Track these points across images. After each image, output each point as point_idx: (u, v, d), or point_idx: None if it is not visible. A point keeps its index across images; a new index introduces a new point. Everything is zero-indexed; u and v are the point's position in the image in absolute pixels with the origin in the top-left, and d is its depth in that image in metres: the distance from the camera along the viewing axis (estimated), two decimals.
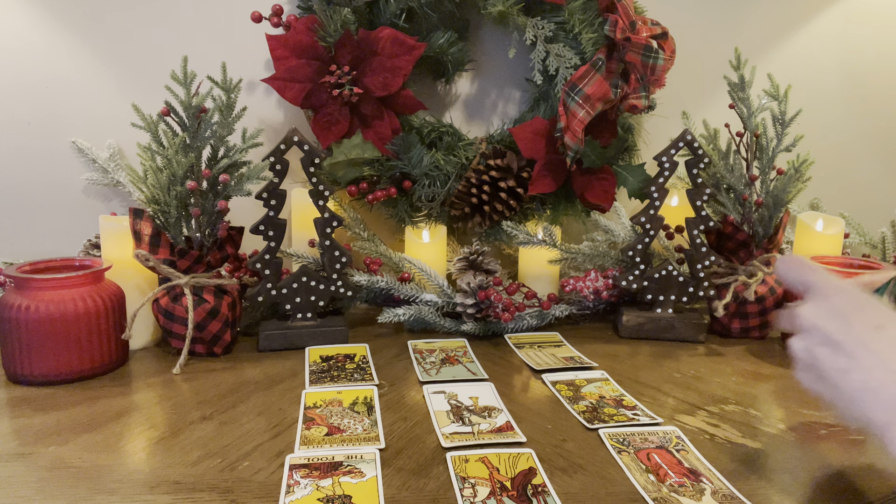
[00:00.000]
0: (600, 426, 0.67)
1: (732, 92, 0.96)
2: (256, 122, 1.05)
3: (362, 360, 0.84)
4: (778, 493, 0.56)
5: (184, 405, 0.71)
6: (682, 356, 0.89)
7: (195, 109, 0.81)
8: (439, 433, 0.65)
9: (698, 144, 0.92)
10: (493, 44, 1.10)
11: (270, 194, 0.85)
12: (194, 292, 0.83)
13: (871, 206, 1.21)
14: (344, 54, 0.94)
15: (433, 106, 1.10)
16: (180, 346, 0.82)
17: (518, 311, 0.95)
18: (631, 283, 0.95)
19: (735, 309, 0.95)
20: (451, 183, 1.02)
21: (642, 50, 0.93)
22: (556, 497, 0.54)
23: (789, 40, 1.17)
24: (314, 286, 0.89)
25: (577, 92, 0.94)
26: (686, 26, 1.11)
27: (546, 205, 1.07)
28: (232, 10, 1.01)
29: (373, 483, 0.56)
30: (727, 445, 0.64)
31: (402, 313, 0.93)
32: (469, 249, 0.97)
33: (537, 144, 1.01)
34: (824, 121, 1.20)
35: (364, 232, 1.03)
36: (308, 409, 0.70)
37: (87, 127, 1.02)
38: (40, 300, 0.74)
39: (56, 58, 0.99)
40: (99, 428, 0.65)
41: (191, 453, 0.61)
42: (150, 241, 0.81)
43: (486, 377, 0.80)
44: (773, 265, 0.95)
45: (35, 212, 1.03)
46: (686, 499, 0.54)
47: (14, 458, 0.59)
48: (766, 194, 0.95)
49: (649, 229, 0.94)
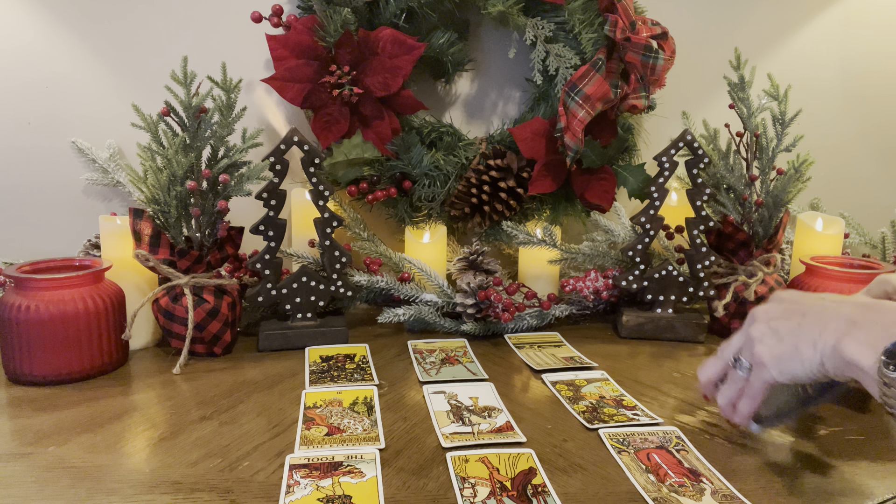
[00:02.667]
0: (600, 426, 0.67)
1: (732, 92, 0.96)
2: (256, 122, 1.05)
3: (362, 361, 0.84)
4: (778, 493, 0.56)
5: (184, 405, 0.71)
6: (682, 356, 0.89)
7: (195, 109, 0.81)
8: (439, 433, 0.65)
9: (698, 144, 0.92)
10: (493, 44, 1.10)
11: (270, 194, 0.85)
12: (194, 292, 0.83)
13: (871, 206, 1.21)
14: (344, 54, 0.94)
15: (433, 106, 1.10)
16: (180, 346, 0.82)
17: (518, 311, 0.95)
18: (631, 283, 0.95)
19: (735, 309, 0.95)
20: (451, 183, 1.02)
21: (642, 50, 0.93)
22: (556, 497, 0.54)
23: (789, 40, 1.17)
24: (314, 286, 0.89)
25: (577, 92, 0.95)
26: (686, 26, 1.11)
27: (546, 205, 1.07)
28: (232, 10, 1.01)
29: (373, 483, 0.56)
30: (727, 445, 0.64)
31: (402, 313, 0.93)
32: (469, 249, 0.97)
33: (537, 144, 1.01)
34: (824, 121, 1.20)
35: (364, 232, 1.03)
36: (308, 409, 0.70)
37: (87, 127, 1.02)
38: (40, 300, 0.74)
39: (56, 58, 0.99)
40: (99, 428, 0.65)
41: (191, 453, 0.61)
42: (150, 241, 0.81)
43: (486, 377, 0.80)
44: (773, 265, 0.95)
45: (35, 212, 1.03)
46: (686, 499, 0.54)
47: (14, 458, 0.59)
48: (766, 194, 0.95)
49: (649, 229, 0.94)
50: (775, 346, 0.56)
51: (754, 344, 0.58)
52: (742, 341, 0.61)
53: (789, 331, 0.56)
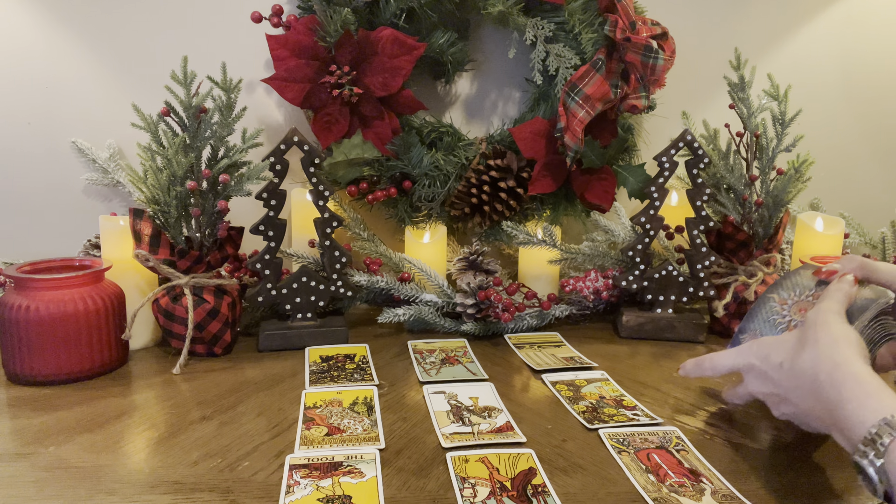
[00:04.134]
0: (600, 426, 0.67)
1: (732, 92, 0.96)
2: (256, 122, 1.05)
3: (362, 361, 0.84)
4: (778, 493, 0.56)
5: (184, 405, 0.71)
6: (682, 356, 0.89)
7: (195, 109, 0.81)
8: (439, 433, 0.65)
9: (698, 144, 0.92)
10: (493, 44, 1.10)
11: (270, 194, 0.85)
12: (194, 292, 0.83)
13: (871, 206, 1.21)
14: (344, 54, 0.94)
15: (433, 106, 1.10)
16: (180, 346, 0.82)
17: (518, 311, 0.95)
18: (631, 283, 0.95)
19: (735, 309, 0.95)
20: (451, 183, 1.02)
21: (642, 50, 0.93)
22: (556, 497, 0.54)
23: (789, 40, 1.17)
24: (314, 286, 0.89)
25: (577, 92, 0.94)
26: (686, 26, 1.11)
27: (546, 205, 1.07)
28: (232, 10, 1.01)
29: (373, 483, 0.56)
30: (727, 445, 0.64)
31: (402, 313, 0.93)
32: (469, 249, 0.97)
33: (537, 144, 1.01)
34: (824, 121, 1.20)
35: (364, 232, 1.03)
36: (308, 409, 0.70)
37: (87, 127, 1.02)
38: (40, 300, 0.74)
39: (56, 58, 0.99)
40: (99, 428, 0.65)
41: (191, 453, 0.61)
42: (150, 241, 0.81)
43: (486, 377, 0.80)
44: (773, 265, 0.95)
45: (35, 212, 1.03)
46: (686, 499, 0.54)
47: (14, 458, 0.59)
48: (766, 194, 0.95)
49: (649, 229, 0.94)
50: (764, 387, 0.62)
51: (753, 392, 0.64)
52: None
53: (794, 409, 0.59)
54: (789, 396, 0.57)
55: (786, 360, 0.58)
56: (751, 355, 0.62)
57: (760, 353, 0.61)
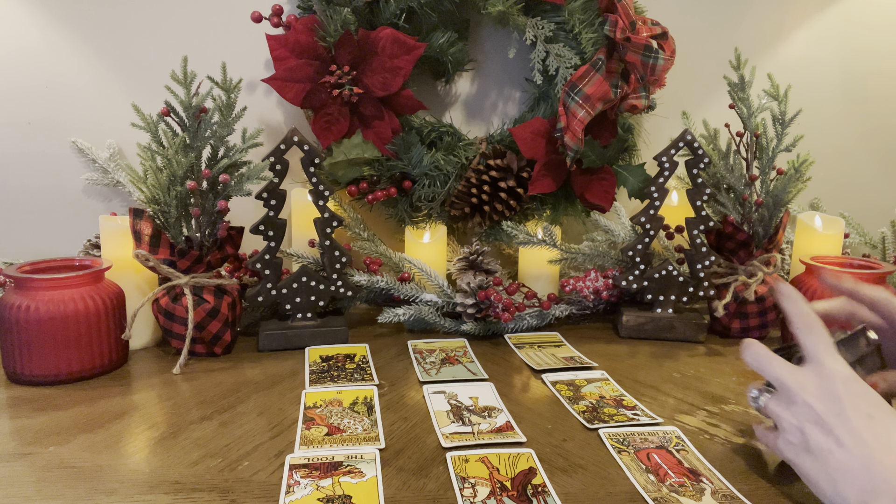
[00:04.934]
0: (600, 426, 0.67)
1: (732, 92, 0.96)
2: (256, 122, 1.05)
3: (362, 360, 0.84)
4: (778, 493, 0.56)
5: (184, 405, 0.71)
6: (682, 356, 0.89)
7: (195, 109, 0.81)
8: (439, 433, 0.65)
9: (698, 144, 0.92)
10: (493, 44, 1.10)
11: (270, 194, 0.85)
12: (194, 292, 0.83)
13: (871, 206, 1.21)
14: (344, 54, 0.94)
15: (433, 106, 1.10)
16: (180, 346, 0.82)
17: (518, 311, 0.95)
18: (631, 283, 0.95)
19: (735, 309, 0.95)
20: (451, 183, 1.02)
21: (642, 50, 0.93)
22: (556, 497, 0.54)
23: (789, 40, 1.17)
24: (314, 286, 0.89)
25: (577, 92, 0.95)
26: (686, 26, 1.11)
27: (546, 205, 1.07)
28: (232, 10, 1.01)
29: (373, 483, 0.56)
30: (727, 445, 0.64)
31: (402, 313, 0.93)
32: (469, 249, 0.97)
33: (537, 144, 1.01)
34: (824, 121, 1.20)
35: (364, 232, 1.03)
36: (308, 409, 0.70)
37: (87, 127, 1.02)
38: (40, 300, 0.74)
39: (56, 58, 0.99)
40: (99, 428, 0.65)
41: (191, 453, 0.61)
42: (150, 241, 0.81)
43: (486, 377, 0.80)
44: (773, 265, 0.95)
45: (35, 212, 1.03)
46: (686, 499, 0.54)
47: (14, 458, 0.59)
48: (766, 194, 0.95)
49: (649, 229, 0.94)
50: (798, 454, 0.52)
51: (780, 434, 0.54)
52: (773, 406, 0.55)
53: (818, 449, 0.50)
54: (846, 443, 0.49)
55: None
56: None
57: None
